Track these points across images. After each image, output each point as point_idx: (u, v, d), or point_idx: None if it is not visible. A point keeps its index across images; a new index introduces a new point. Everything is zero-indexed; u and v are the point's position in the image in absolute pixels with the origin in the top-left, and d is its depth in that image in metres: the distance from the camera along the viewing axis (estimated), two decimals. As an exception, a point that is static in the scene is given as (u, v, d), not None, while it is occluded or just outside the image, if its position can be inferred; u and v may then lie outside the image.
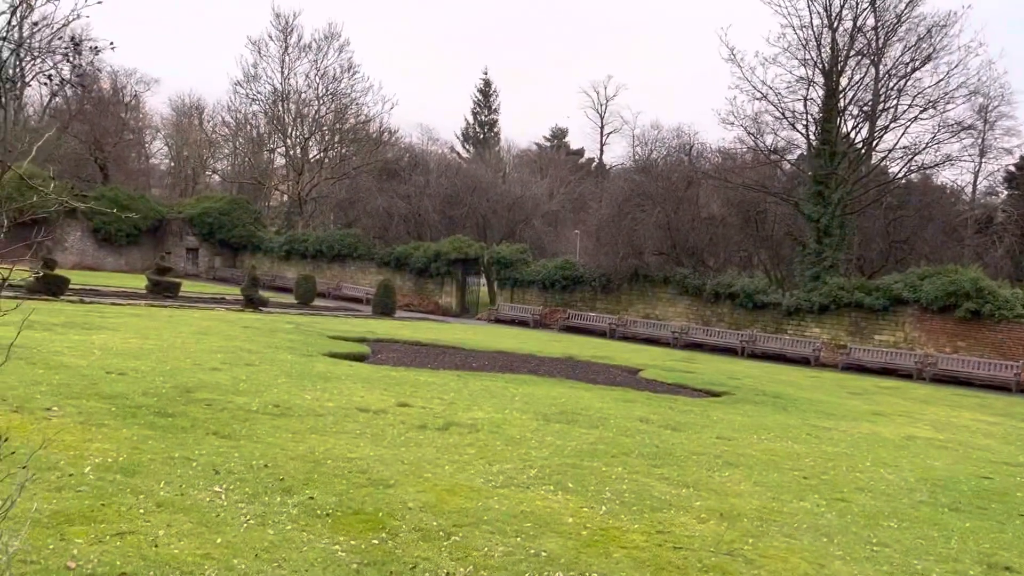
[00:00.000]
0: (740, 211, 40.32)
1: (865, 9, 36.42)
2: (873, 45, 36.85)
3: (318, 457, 7.99)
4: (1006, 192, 52.02)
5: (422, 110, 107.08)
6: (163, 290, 31.81)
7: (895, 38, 36.59)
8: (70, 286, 26.88)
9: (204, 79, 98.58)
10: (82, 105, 55.09)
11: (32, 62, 47.68)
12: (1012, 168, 48.51)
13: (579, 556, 5.90)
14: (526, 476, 8.14)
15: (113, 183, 52.67)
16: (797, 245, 38.17)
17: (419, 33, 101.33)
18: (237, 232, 51.13)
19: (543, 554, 5.87)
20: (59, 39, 45.45)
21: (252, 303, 30.89)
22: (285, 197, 61.02)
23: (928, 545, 7.20)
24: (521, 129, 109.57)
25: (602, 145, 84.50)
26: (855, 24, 36.66)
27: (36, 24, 45.47)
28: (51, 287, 25.36)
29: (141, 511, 5.88)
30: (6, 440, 3.21)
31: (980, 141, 44.30)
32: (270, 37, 56.30)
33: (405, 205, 49.41)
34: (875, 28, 36.59)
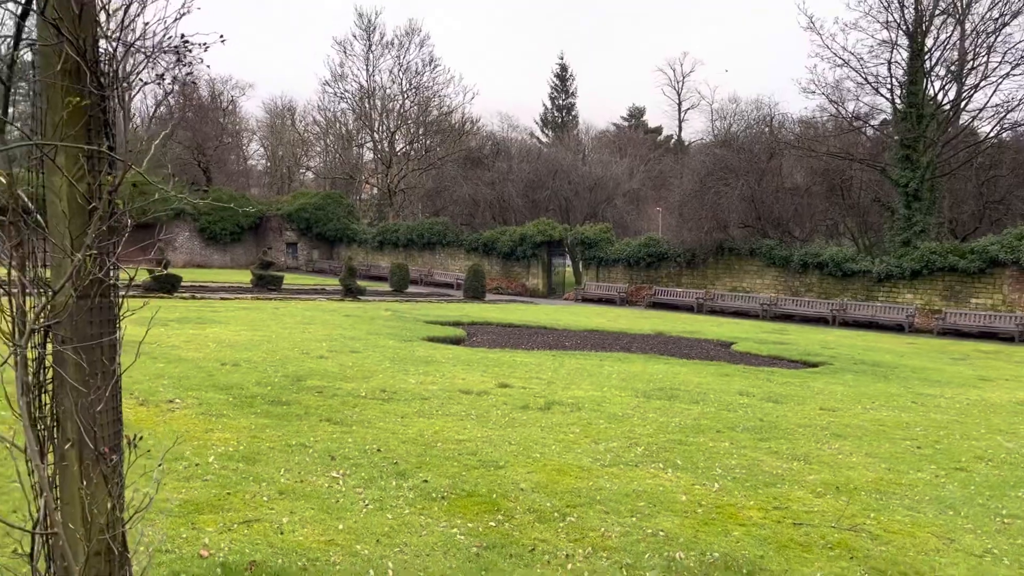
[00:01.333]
0: (824, 180, 38.99)
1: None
2: (959, 3, 35.01)
3: (428, 440, 7.92)
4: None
5: (501, 98, 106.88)
6: (267, 284, 32.49)
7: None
8: (182, 283, 27.64)
9: (295, 81, 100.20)
10: (184, 112, 56.72)
11: (144, 64, 49.17)
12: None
13: (697, 535, 5.66)
14: (633, 454, 7.90)
15: (216, 185, 54.13)
16: (885, 211, 36.75)
17: (495, 22, 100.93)
18: (332, 226, 51.89)
19: (660, 533, 5.65)
20: (168, 37, 46.66)
21: (350, 292, 31.30)
22: (375, 190, 61.70)
23: (1060, 515, 6.72)
24: (598, 111, 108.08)
25: (680, 121, 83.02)
26: (937, -18, 34.94)
27: (148, 24, 46.78)
28: (165, 285, 26.10)
29: (264, 499, 5.87)
30: (141, 438, 3.15)
31: None
32: (354, 37, 56.98)
33: (489, 191, 49.42)
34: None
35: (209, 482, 6.14)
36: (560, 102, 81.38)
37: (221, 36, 3.02)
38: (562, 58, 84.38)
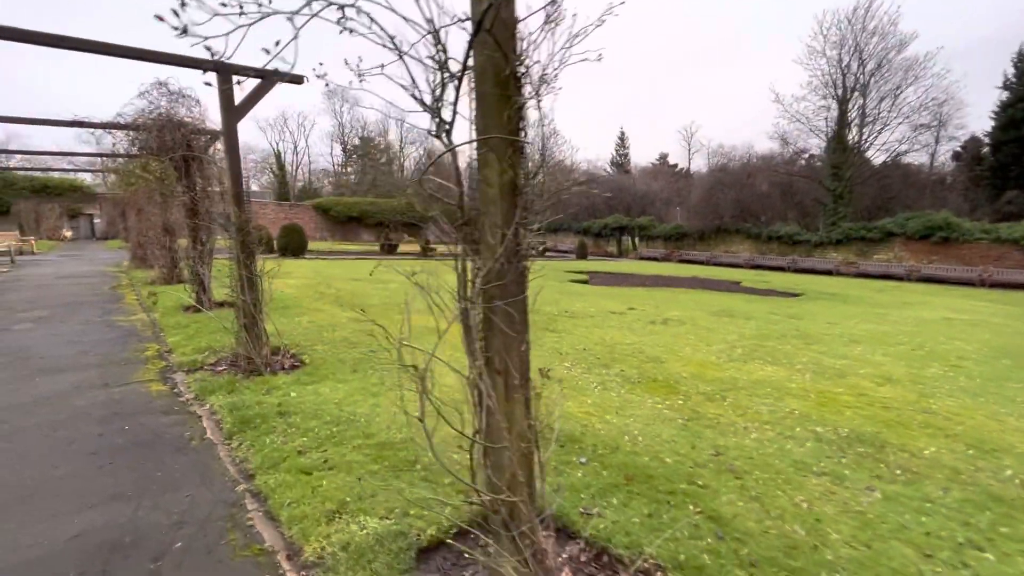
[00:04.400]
0: (778, 188, 34.78)
1: (864, 61, 29.50)
2: (866, 83, 29.89)
3: (608, 343, 6.81)
4: (953, 164, 41.95)
5: (590, 149, 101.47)
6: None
7: (883, 75, 29.43)
8: (437, 252, 27.54)
9: None
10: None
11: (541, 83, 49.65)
12: (958, 149, 38.81)
13: (822, 413, 4.36)
14: (737, 353, 6.49)
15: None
16: (820, 205, 32.35)
17: (587, 105, 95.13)
18: (503, 221, 51.30)
19: (795, 412, 4.39)
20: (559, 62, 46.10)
21: (518, 256, 30.50)
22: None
23: (1060, 403, 4.97)
24: (643, 153, 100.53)
25: (689, 159, 76.46)
26: (857, 68, 29.84)
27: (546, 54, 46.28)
28: (427, 253, 26.04)
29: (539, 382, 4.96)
30: (551, 371, 2.22)
31: (936, 134, 35.05)
32: (512, 121, 54.96)
33: (587, 200, 47.16)
34: (871, 71, 29.58)
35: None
36: (620, 152, 76.70)
37: (600, 55, 1.95)
38: (622, 128, 79.40)
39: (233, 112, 4.82)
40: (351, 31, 1.69)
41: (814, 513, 2.75)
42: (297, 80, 5.24)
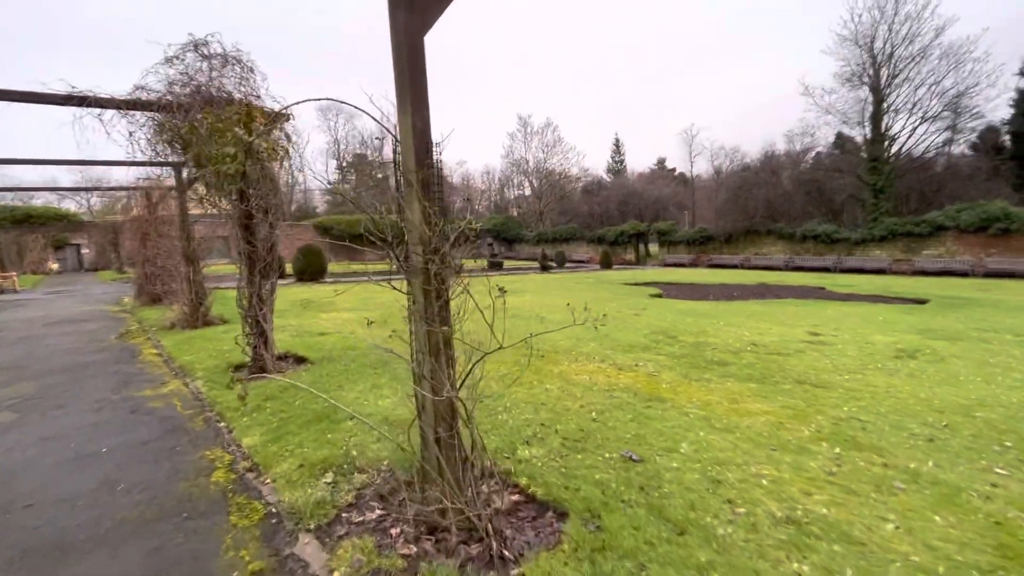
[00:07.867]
0: (803, 186, 32.97)
1: (899, 45, 27.97)
2: (907, 68, 28.33)
3: (938, 405, 4.34)
4: (972, 155, 40.57)
5: (587, 154, 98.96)
6: (495, 266, 29.63)
7: (923, 61, 27.87)
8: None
9: (484, 157, 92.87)
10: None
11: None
12: (975, 140, 37.30)
13: None
14: None
15: (449, 217, 51.76)
16: (856, 201, 30.63)
17: (583, 112, 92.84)
18: (510, 233, 48.81)
19: None
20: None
21: (545, 268, 28.11)
22: (518, 209, 58.02)
23: None
24: (639, 158, 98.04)
25: (691, 163, 74.97)
26: (892, 56, 28.28)
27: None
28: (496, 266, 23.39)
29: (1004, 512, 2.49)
30: None
31: (953, 123, 33.61)
32: (517, 130, 53.04)
33: (599, 208, 45.02)
34: (910, 57, 28.00)
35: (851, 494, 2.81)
36: (616, 159, 74.97)
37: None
38: (617, 135, 77.73)
39: (416, 12, 2.34)
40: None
41: None
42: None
